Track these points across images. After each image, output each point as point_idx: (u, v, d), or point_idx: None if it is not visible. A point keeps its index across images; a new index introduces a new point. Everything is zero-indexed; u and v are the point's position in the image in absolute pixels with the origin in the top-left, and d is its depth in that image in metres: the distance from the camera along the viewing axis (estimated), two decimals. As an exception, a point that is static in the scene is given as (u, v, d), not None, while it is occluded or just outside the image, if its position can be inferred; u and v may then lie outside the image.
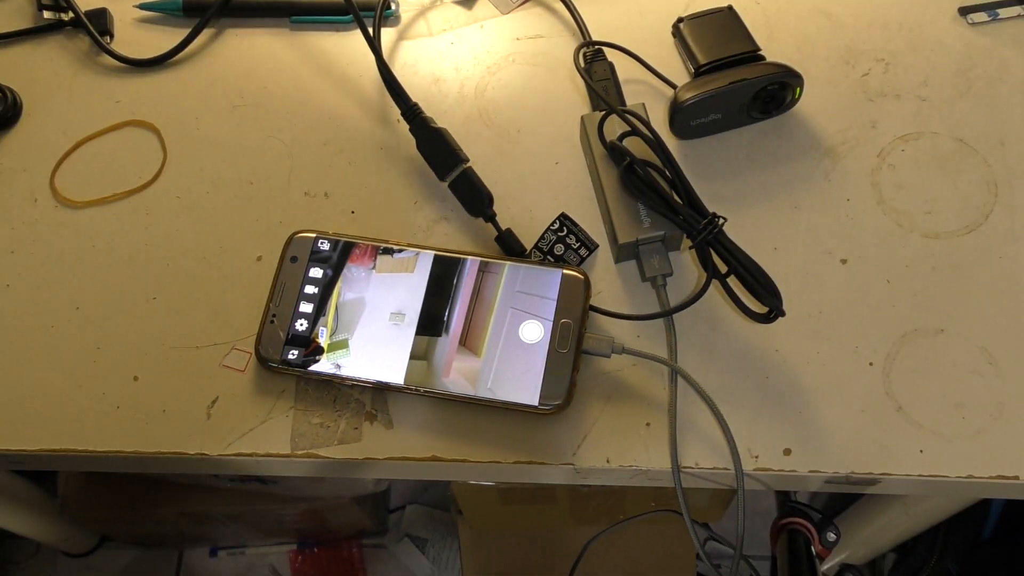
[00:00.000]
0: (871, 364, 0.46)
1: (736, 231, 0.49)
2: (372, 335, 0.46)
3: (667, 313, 0.46)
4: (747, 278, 0.44)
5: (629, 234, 0.47)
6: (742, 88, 0.49)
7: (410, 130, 0.51)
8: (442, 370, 0.45)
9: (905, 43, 0.56)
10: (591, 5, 0.58)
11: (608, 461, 0.44)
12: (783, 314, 0.43)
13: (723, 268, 0.45)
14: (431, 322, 0.46)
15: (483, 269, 0.47)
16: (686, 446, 0.45)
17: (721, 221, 0.44)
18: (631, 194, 0.48)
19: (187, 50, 0.58)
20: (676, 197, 0.46)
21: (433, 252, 0.48)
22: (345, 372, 0.45)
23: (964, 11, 0.56)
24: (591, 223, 0.51)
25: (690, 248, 0.47)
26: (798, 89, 0.50)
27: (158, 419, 0.47)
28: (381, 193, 0.53)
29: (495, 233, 0.49)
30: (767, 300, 0.43)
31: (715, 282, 0.45)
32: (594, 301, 0.48)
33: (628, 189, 0.48)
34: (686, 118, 0.50)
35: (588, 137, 0.51)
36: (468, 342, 0.45)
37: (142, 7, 0.60)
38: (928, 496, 0.80)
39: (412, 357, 0.45)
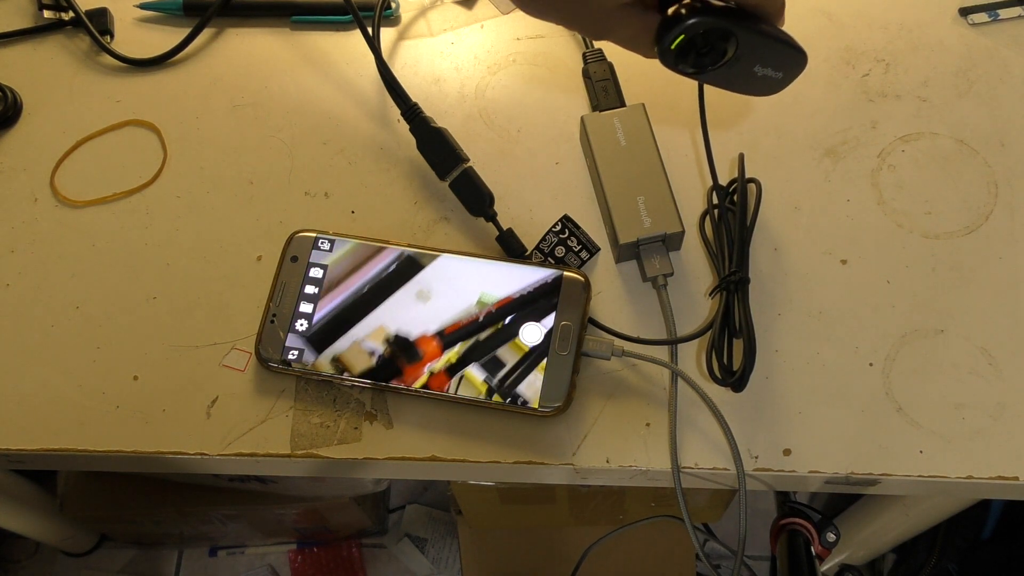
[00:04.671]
0: (871, 364, 0.46)
1: (736, 231, 0.49)
2: (372, 335, 0.46)
3: (672, 342, 0.47)
4: (748, 338, 0.44)
5: (630, 234, 0.47)
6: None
7: (410, 130, 0.51)
8: (441, 370, 0.45)
9: (906, 44, 0.56)
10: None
11: (608, 461, 0.44)
12: (742, 386, 0.43)
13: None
14: (431, 322, 0.46)
15: (483, 270, 0.47)
16: (686, 446, 0.45)
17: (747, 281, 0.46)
18: (714, 222, 0.49)
19: (187, 50, 0.58)
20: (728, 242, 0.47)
21: (433, 252, 0.48)
22: (345, 372, 0.45)
23: (964, 12, 0.56)
24: (591, 223, 0.51)
25: (711, 294, 0.47)
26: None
27: (158, 419, 0.47)
28: (381, 193, 0.53)
29: (496, 233, 0.49)
30: (746, 363, 0.43)
31: (711, 300, 0.45)
32: (595, 301, 0.48)
33: (714, 219, 0.49)
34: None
35: (588, 137, 0.51)
36: (468, 342, 0.45)
37: (142, 7, 0.60)
38: (928, 497, 0.80)
39: (412, 357, 0.45)
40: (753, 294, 0.48)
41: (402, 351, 0.45)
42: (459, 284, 0.47)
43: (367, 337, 0.46)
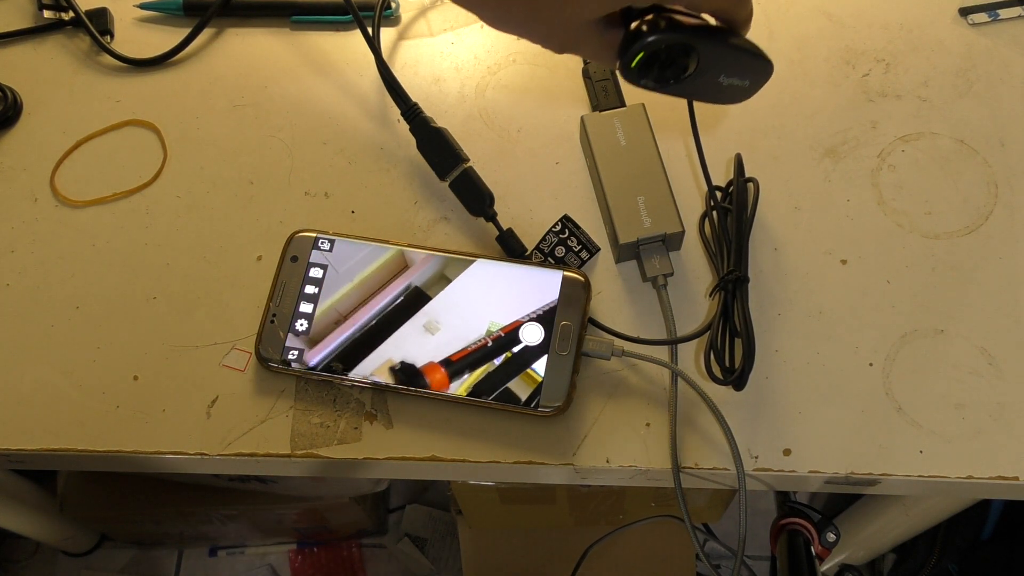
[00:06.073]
0: (871, 364, 0.46)
1: (736, 231, 0.49)
2: (372, 335, 0.46)
3: (672, 342, 0.47)
4: (746, 338, 0.44)
5: (630, 234, 0.47)
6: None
7: (410, 130, 0.51)
8: (442, 370, 0.45)
9: (905, 44, 0.56)
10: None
11: (608, 461, 0.44)
12: (742, 385, 0.43)
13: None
14: (431, 322, 0.46)
15: (483, 269, 0.47)
16: (686, 446, 0.45)
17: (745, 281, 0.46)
18: (713, 222, 0.49)
19: (187, 50, 0.58)
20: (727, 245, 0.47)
21: (433, 252, 0.48)
22: (345, 372, 0.45)
23: (964, 12, 0.56)
24: (591, 223, 0.51)
25: (711, 294, 0.47)
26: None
27: (158, 419, 0.47)
28: (381, 193, 0.53)
29: (496, 233, 0.49)
30: (745, 363, 0.43)
31: (711, 300, 0.45)
32: (595, 301, 0.48)
33: (711, 220, 0.49)
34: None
35: (588, 137, 0.51)
36: (468, 342, 0.45)
37: (142, 7, 0.60)
38: (928, 496, 0.80)
39: (413, 357, 0.45)
40: (753, 294, 0.48)
41: (403, 351, 0.45)
42: (459, 284, 0.47)
43: (367, 337, 0.46)
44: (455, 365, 0.45)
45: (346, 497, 0.96)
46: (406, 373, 0.45)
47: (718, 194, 0.50)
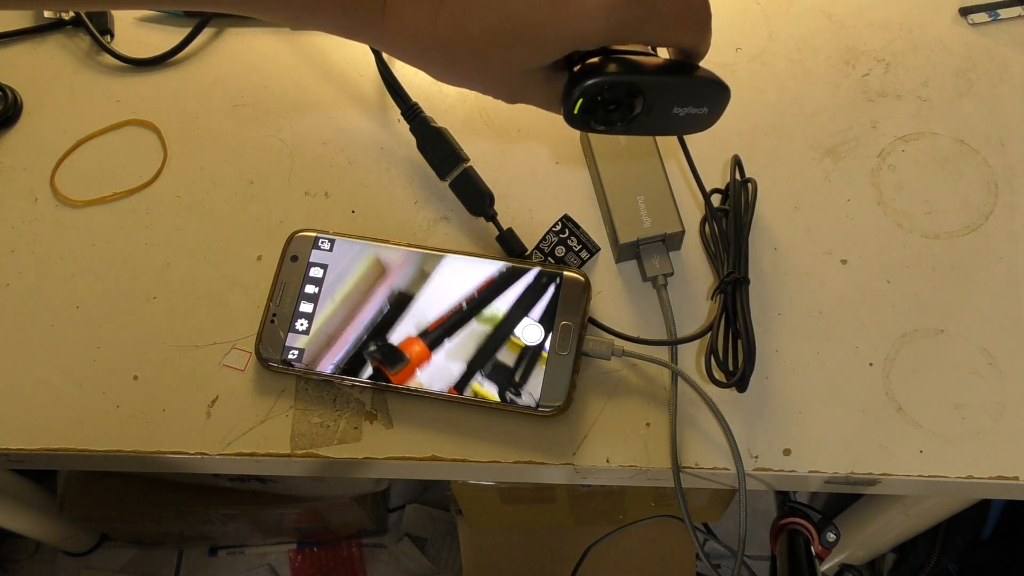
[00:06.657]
0: (871, 364, 0.46)
1: (736, 231, 0.49)
2: (373, 334, 0.46)
3: (673, 342, 0.47)
4: (747, 340, 0.43)
5: (630, 234, 0.47)
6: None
7: (410, 130, 0.51)
8: (442, 370, 0.45)
9: (906, 44, 0.56)
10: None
11: (608, 461, 0.44)
12: (744, 387, 0.43)
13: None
14: (431, 322, 0.46)
15: (484, 269, 0.47)
16: (686, 446, 0.45)
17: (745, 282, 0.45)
18: (712, 226, 0.49)
19: (187, 49, 0.58)
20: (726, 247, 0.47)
21: (434, 252, 0.48)
22: (345, 372, 0.45)
23: (965, 11, 0.56)
24: (591, 223, 0.51)
25: (712, 296, 0.47)
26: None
27: (158, 419, 0.47)
28: (381, 193, 0.53)
29: (496, 233, 0.49)
30: (746, 365, 0.43)
31: (712, 300, 0.45)
32: (595, 301, 0.48)
33: (707, 227, 0.49)
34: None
35: (588, 137, 0.51)
36: (468, 342, 0.45)
37: (142, 6, 0.60)
38: (928, 496, 0.80)
39: (413, 357, 0.45)
40: (753, 294, 0.48)
41: (403, 350, 0.45)
42: (460, 283, 0.47)
43: (368, 337, 0.46)
44: (432, 335, 0.45)
45: (346, 497, 0.96)
46: (383, 352, 0.45)
47: (717, 197, 0.50)
